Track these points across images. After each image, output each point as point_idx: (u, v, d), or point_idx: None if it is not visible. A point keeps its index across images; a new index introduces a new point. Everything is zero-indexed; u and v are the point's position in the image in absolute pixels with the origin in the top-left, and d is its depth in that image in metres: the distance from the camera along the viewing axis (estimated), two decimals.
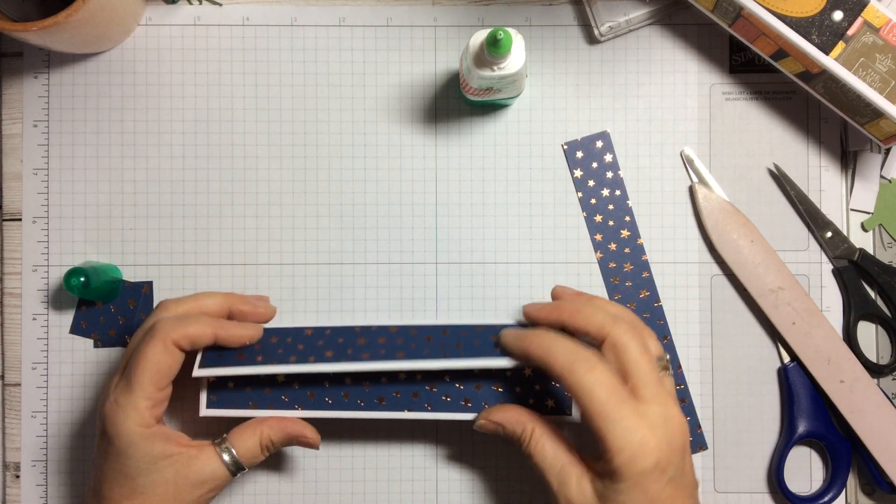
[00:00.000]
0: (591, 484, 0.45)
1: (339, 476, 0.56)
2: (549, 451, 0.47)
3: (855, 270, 0.56)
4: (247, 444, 0.49)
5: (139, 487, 0.47)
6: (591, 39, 0.57)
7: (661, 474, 0.44)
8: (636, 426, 0.43)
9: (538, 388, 0.51)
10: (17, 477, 0.56)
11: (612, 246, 0.57)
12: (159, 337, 0.47)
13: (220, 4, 0.57)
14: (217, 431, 0.50)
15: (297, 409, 0.51)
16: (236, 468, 0.49)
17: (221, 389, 0.51)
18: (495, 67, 0.48)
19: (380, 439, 0.56)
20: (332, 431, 0.56)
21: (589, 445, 0.46)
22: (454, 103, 0.57)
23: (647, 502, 0.44)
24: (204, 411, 0.51)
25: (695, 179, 0.57)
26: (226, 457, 0.49)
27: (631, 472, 0.43)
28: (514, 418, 0.49)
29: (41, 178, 0.57)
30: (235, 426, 0.50)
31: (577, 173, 0.57)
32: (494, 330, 0.51)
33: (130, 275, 0.57)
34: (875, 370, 0.56)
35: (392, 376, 0.51)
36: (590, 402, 0.44)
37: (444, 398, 0.51)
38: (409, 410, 0.51)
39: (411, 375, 0.51)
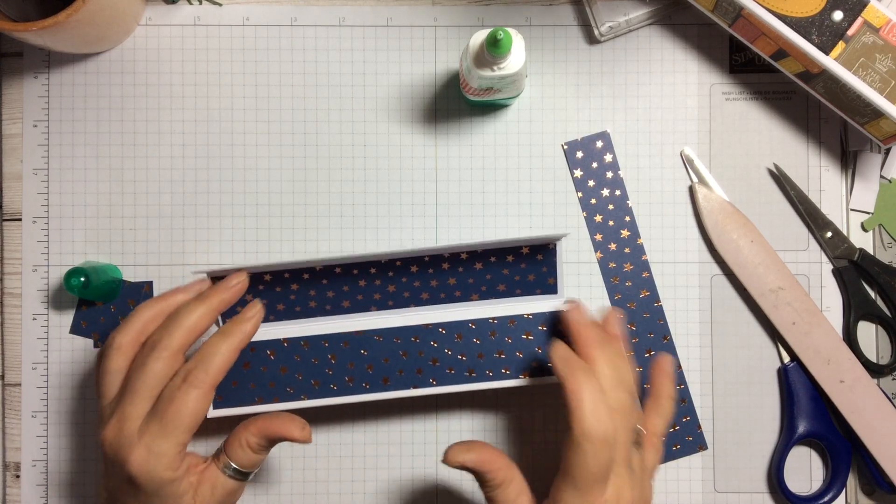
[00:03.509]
0: None
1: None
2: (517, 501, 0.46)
3: (855, 270, 0.56)
4: (237, 453, 0.48)
5: None
6: (591, 39, 0.57)
7: None
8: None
9: (539, 351, 0.51)
10: (17, 477, 0.56)
11: (612, 246, 0.57)
12: (202, 386, 0.45)
13: (220, 4, 0.57)
14: (223, 427, 0.50)
15: (302, 398, 0.51)
16: (244, 476, 0.49)
17: (226, 388, 0.51)
18: (495, 67, 0.48)
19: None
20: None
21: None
22: (454, 103, 0.57)
23: None
24: (211, 412, 0.51)
25: (695, 179, 0.57)
26: (228, 472, 0.48)
27: None
28: (493, 460, 0.46)
29: (41, 178, 0.57)
30: (229, 436, 0.49)
31: (577, 173, 0.57)
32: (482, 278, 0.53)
33: (130, 275, 0.57)
34: (875, 370, 0.56)
35: (394, 354, 0.51)
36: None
37: (447, 371, 0.51)
38: (415, 387, 0.51)
39: (413, 352, 0.51)
